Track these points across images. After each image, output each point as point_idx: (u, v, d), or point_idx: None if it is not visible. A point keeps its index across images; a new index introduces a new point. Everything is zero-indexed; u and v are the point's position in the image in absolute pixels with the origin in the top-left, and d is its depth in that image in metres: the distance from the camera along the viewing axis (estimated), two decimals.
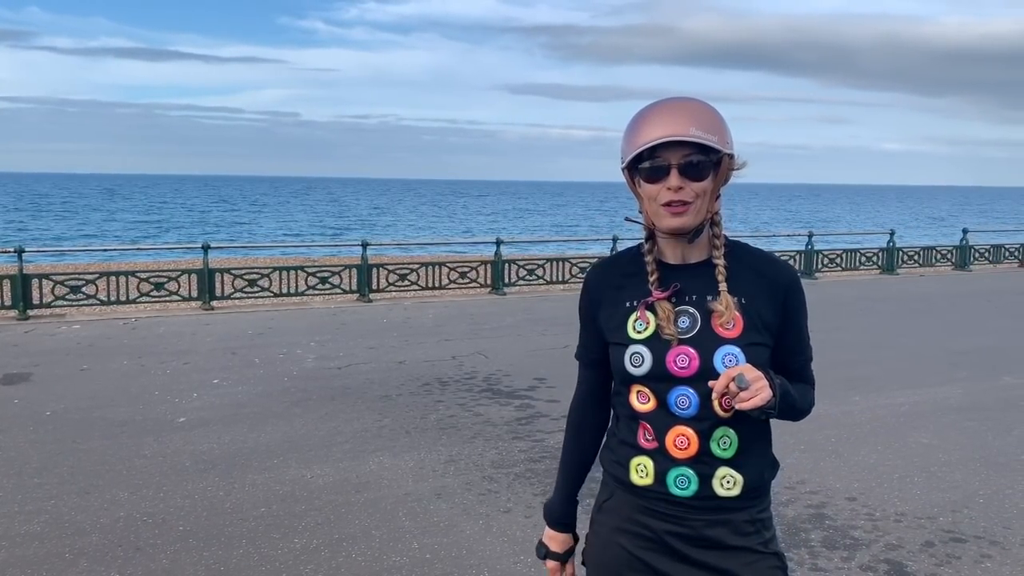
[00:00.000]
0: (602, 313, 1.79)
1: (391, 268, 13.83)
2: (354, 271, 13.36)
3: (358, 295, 13.18)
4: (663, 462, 1.71)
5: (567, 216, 71.36)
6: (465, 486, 4.99)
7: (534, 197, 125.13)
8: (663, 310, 1.69)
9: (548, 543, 1.94)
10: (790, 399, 1.66)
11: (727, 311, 1.66)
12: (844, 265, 17.65)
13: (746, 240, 1.84)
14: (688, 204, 1.64)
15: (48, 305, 11.45)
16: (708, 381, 1.63)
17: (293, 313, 11.88)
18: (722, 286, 1.67)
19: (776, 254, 1.78)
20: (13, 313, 11.17)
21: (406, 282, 13.69)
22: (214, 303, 12.23)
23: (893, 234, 18.45)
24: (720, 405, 1.63)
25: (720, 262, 1.70)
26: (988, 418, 6.50)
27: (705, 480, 1.69)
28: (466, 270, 14.25)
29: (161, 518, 4.51)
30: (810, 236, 17.35)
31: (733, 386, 1.56)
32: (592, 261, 15.30)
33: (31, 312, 11.23)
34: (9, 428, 6.12)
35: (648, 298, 1.71)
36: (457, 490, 4.93)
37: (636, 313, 1.73)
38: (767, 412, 1.60)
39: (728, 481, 1.69)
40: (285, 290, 12.87)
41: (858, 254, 18.12)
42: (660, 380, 1.68)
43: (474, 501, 4.76)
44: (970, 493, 4.93)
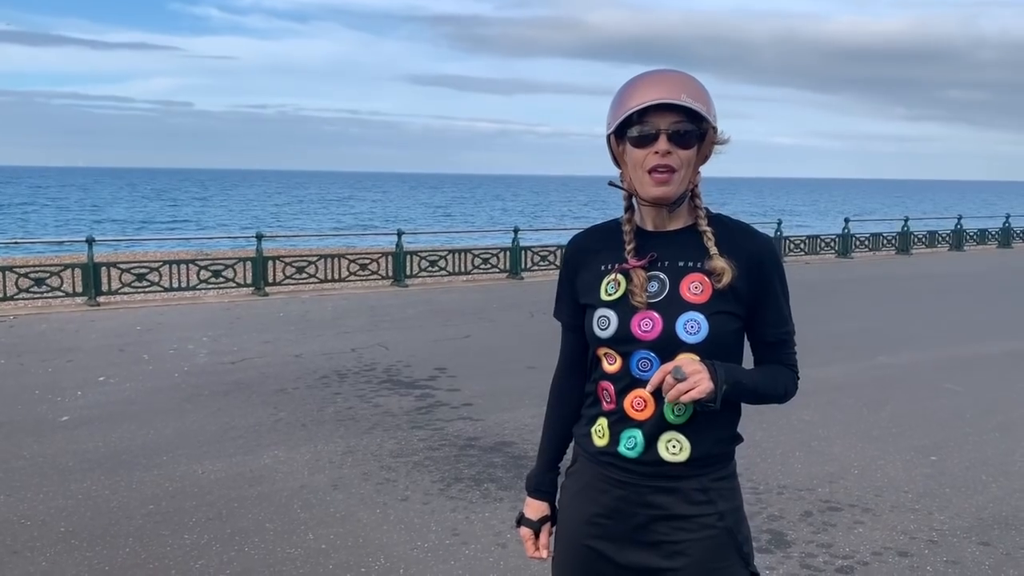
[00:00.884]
0: (579, 277, 1.81)
1: (288, 261, 13.56)
2: (249, 264, 13.04)
3: (253, 289, 12.87)
4: (618, 423, 1.73)
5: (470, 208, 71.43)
6: (362, 476, 4.96)
7: (443, 189, 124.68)
8: (637, 277, 1.70)
9: (524, 510, 1.93)
10: (744, 391, 1.67)
11: (727, 271, 1.66)
12: None
13: None
14: (674, 172, 1.66)
15: None
16: (670, 345, 1.66)
17: (185, 308, 11.52)
18: (713, 250, 1.68)
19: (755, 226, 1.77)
20: None
21: (304, 275, 13.46)
22: (100, 299, 11.73)
23: (780, 223, 19.23)
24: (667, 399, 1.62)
25: (708, 228, 1.72)
26: (864, 395, 6.88)
27: (651, 442, 1.70)
28: (367, 262, 14.10)
29: (41, 520, 4.32)
30: None
31: (670, 379, 1.57)
32: (494, 251, 15.40)
33: None
34: None
35: (624, 263, 1.73)
36: (354, 480, 4.90)
37: (610, 276, 1.75)
38: (706, 405, 1.60)
39: (674, 445, 1.69)
40: (176, 284, 12.46)
41: None
42: (624, 343, 1.70)
43: (371, 491, 4.74)
44: (846, 465, 5.21)
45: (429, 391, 6.94)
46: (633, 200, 1.77)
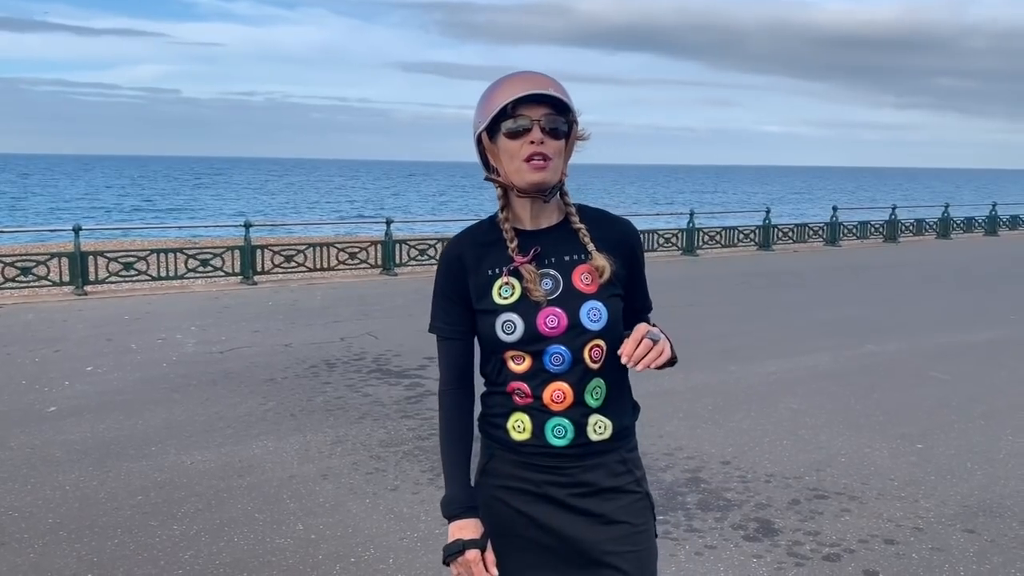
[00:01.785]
0: (466, 285, 1.82)
1: (276, 249, 13.52)
2: (237, 253, 12.99)
3: (242, 278, 12.83)
4: (540, 415, 1.78)
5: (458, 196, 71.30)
6: (352, 466, 4.97)
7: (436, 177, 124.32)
8: (528, 273, 1.76)
9: (460, 534, 1.77)
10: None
11: (607, 267, 1.77)
12: (723, 243, 18.34)
13: (638, 217, 1.93)
14: (549, 160, 1.73)
15: None
16: (578, 336, 1.74)
17: (173, 297, 11.47)
18: (591, 247, 1.78)
19: (623, 215, 1.94)
20: None
21: (293, 263, 13.42)
22: (87, 288, 11.67)
23: (769, 212, 19.27)
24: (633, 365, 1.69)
25: (581, 226, 1.81)
26: (851, 383, 6.92)
27: (580, 428, 1.78)
28: (356, 251, 14.07)
29: (28, 511, 4.30)
30: (691, 214, 17.94)
31: (647, 341, 1.65)
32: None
33: None
34: None
35: (511, 263, 1.78)
36: (344, 470, 4.90)
37: (501, 280, 1.78)
38: (674, 361, 1.71)
39: (600, 426, 1.79)
40: (164, 273, 12.39)
41: (736, 232, 18.85)
42: (534, 342, 1.75)
43: (361, 480, 4.75)
44: (833, 453, 5.25)
45: (418, 380, 6.94)
46: (508, 197, 1.81)
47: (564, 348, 1.75)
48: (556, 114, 1.74)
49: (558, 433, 1.77)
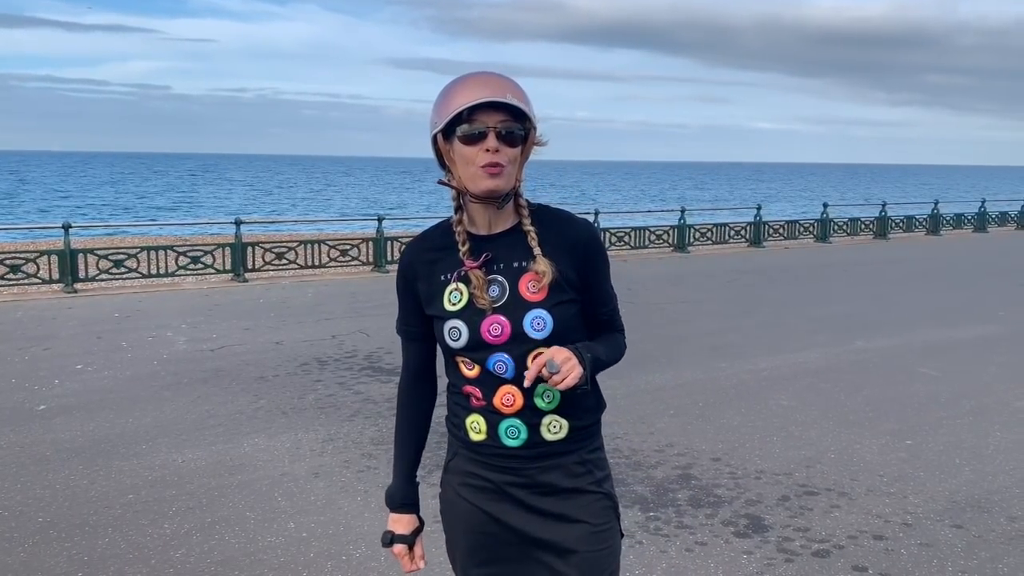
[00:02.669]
0: (419, 288, 1.85)
1: (267, 247, 13.47)
2: (228, 250, 12.95)
3: (232, 275, 12.79)
4: (493, 417, 1.80)
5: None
6: (343, 464, 4.97)
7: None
8: (476, 279, 1.76)
9: (393, 527, 1.95)
10: (600, 363, 1.77)
11: (547, 273, 1.73)
12: (714, 239, 18.37)
13: (624, 215, 1.93)
14: (503, 167, 1.70)
15: None
16: (521, 344, 1.73)
17: (163, 295, 11.43)
18: (536, 251, 1.75)
19: (577, 213, 1.91)
20: None
21: (284, 261, 13.39)
22: (77, 286, 11.62)
23: (760, 209, 19.32)
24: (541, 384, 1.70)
25: (531, 229, 1.78)
26: (841, 380, 6.95)
27: (534, 428, 1.78)
28: (347, 248, 14.04)
29: (18, 510, 4.29)
30: (682, 211, 17.96)
31: (545, 372, 1.64)
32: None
33: None
34: None
35: (461, 268, 1.78)
36: (335, 468, 4.90)
37: (451, 285, 1.79)
38: (582, 388, 1.68)
39: (554, 426, 1.79)
40: (154, 271, 12.35)
41: (727, 228, 18.88)
42: (477, 350, 1.77)
43: (352, 478, 4.75)
44: (823, 449, 5.27)
45: None
46: (462, 200, 1.80)
47: (507, 356, 1.75)
48: (513, 120, 1.70)
49: (511, 434, 1.79)
